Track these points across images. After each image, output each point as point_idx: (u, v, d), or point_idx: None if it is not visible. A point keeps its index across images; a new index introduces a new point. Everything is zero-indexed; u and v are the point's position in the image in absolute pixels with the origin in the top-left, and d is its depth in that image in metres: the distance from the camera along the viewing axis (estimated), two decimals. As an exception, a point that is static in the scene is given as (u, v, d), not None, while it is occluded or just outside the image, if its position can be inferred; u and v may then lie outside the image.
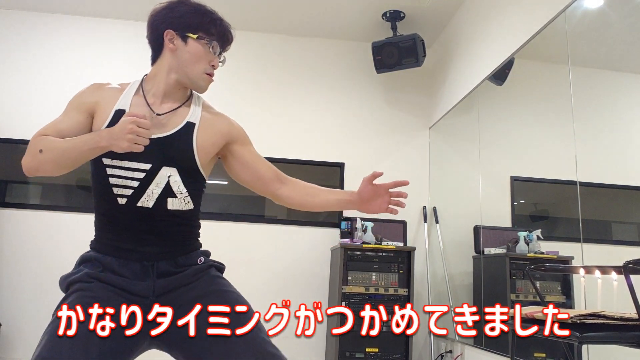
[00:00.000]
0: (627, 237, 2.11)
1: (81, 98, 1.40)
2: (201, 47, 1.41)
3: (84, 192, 4.29)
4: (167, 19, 1.41)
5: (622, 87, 2.20)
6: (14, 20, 4.42)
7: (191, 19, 1.41)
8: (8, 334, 3.87)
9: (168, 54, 1.43)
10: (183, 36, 1.40)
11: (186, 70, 1.41)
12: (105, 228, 1.38)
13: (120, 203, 1.32)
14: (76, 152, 1.26)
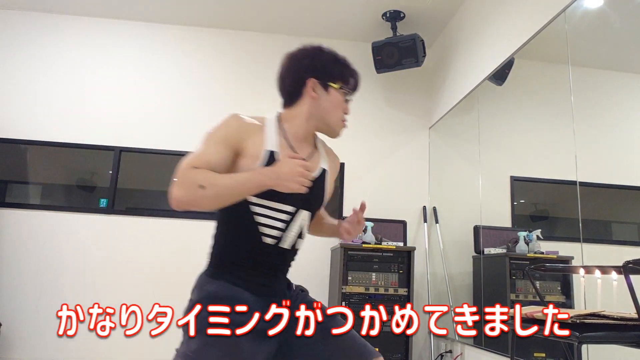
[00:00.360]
0: (627, 237, 2.11)
1: (228, 132, 1.36)
2: (340, 97, 1.47)
3: (84, 192, 4.29)
4: (311, 68, 1.46)
5: (622, 87, 2.20)
6: (14, 20, 4.42)
7: (333, 69, 1.46)
8: (8, 334, 3.87)
9: (308, 101, 1.46)
10: (325, 85, 1.45)
11: (325, 117, 1.47)
12: (242, 262, 1.38)
13: (265, 242, 1.37)
14: (239, 190, 1.27)
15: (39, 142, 4.23)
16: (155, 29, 4.53)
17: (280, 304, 1.38)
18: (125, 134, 4.30)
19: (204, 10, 4.28)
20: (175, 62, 4.48)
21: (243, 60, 4.53)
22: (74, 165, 4.34)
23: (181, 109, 4.40)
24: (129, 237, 4.11)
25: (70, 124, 4.28)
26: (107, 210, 4.16)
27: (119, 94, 4.37)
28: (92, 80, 4.38)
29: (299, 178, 1.25)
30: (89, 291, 3.98)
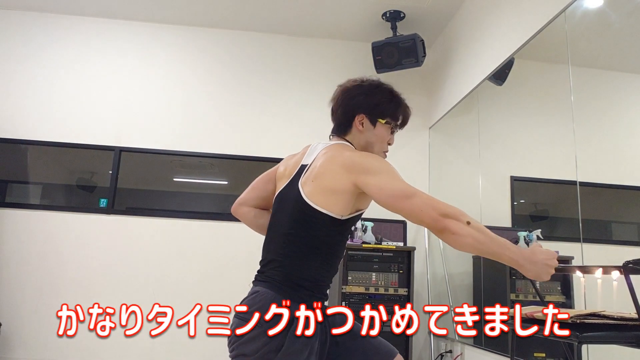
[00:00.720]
0: (627, 237, 2.11)
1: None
2: (386, 131, 1.55)
3: (84, 192, 4.29)
4: (364, 105, 1.53)
5: (622, 87, 2.20)
6: (14, 20, 4.42)
7: (387, 107, 1.54)
8: (8, 334, 3.87)
9: (356, 133, 1.54)
10: (373, 120, 1.53)
11: (368, 148, 1.53)
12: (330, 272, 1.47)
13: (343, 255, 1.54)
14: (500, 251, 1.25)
15: (39, 142, 4.23)
16: (155, 29, 4.53)
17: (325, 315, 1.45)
18: (125, 134, 4.30)
19: (204, 10, 4.28)
20: (176, 62, 4.48)
21: (243, 60, 4.53)
22: (74, 165, 4.34)
23: (181, 109, 4.40)
24: (129, 237, 4.11)
25: (70, 124, 4.28)
26: (107, 210, 4.16)
27: (118, 94, 4.37)
28: (92, 80, 4.38)
29: (551, 270, 1.26)
30: (89, 291, 3.99)
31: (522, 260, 1.24)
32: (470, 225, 1.23)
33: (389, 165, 1.40)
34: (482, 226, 1.26)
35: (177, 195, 4.45)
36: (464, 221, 1.23)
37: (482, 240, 1.23)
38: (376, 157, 1.42)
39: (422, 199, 1.28)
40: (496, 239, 1.25)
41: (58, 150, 4.28)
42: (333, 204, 1.37)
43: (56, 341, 3.89)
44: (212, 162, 4.42)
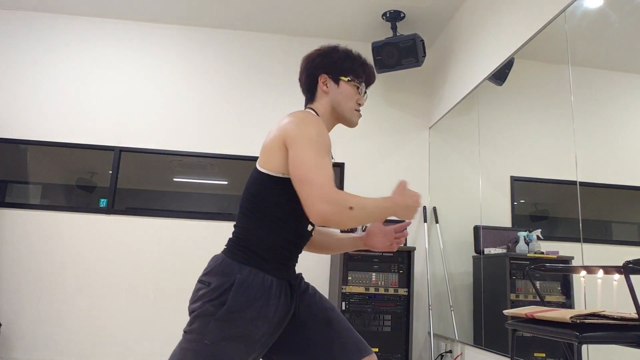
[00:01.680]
0: (627, 237, 2.11)
1: (328, 139, 1.43)
2: (351, 89, 1.57)
3: (84, 192, 4.29)
4: (323, 65, 1.59)
5: (622, 87, 2.20)
6: (14, 20, 4.42)
7: (344, 64, 1.58)
8: (8, 334, 3.87)
9: (323, 96, 1.58)
10: (336, 79, 1.57)
11: (338, 108, 1.57)
12: (284, 249, 1.43)
13: (308, 229, 1.50)
14: (378, 216, 1.35)
15: (39, 142, 4.23)
16: (156, 29, 4.53)
17: (295, 286, 1.46)
18: (125, 134, 4.30)
19: (204, 10, 4.28)
20: (176, 62, 4.48)
21: (243, 60, 4.53)
22: (74, 165, 4.34)
23: (181, 109, 4.40)
24: (128, 237, 4.11)
25: (70, 124, 4.28)
26: (106, 210, 4.16)
27: (118, 94, 4.37)
28: (92, 80, 4.38)
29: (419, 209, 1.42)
30: (89, 291, 3.99)
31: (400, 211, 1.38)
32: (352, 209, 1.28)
33: (312, 134, 1.35)
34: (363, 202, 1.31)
35: (177, 195, 4.45)
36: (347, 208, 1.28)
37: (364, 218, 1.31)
38: (307, 123, 1.38)
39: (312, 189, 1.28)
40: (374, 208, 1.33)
41: (58, 150, 4.28)
42: (270, 162, 1.40)
43: (56, 341, 3.89)
44: (212, 162, 4.42)
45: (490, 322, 3.16)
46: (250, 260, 1.37)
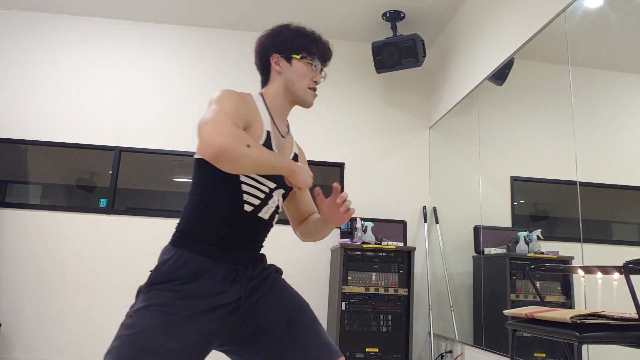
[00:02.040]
0: (627, 237, 2.11)
1: (238, 106, 1.36)
2: (304, 66, 1.52)
3: (84, 192, 4.29)
4: (274, 44, 1.53)
5: (622, 87, 2.20)
6: (14, 20, 4.42)
7: (295, 41, 1.52)
8: (8, 334, 3.87)
9: (277, 76, 1.54)
10: (288, 58, 1.52)
11: (292, 88, 1.52)
12: (216, 229, 1.38)
13: (246, 210, 1.41)
14: (272, 165, 1.30)
15: (39, 142, 4.23)
16: (155, 29, 4.53)
17: (243, 274, 1.39)
18: (125, 134, 4.30)
19: (204, 10, 4.28)
20: (176, 62, 4.48)
21: (243, 60, 4.53)
22: (74, 165, 4.34)
23: (181, 109, 4.40)
24: (128, 237, 4.11)
25: (70, 124, 4.28)
26: (106, 210, 4.17)
27: (118, 94, 4.37)
28: (92, 80, 4.38)
29: (310, 180, 1.39)
30: (89, 291, 3.99)
31: (297, 170, 1.36)
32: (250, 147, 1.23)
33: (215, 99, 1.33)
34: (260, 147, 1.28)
35: (177, 195, 4.44)
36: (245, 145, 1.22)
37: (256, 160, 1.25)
38: (216, 95, 1.36)
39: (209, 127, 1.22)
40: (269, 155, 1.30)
41: (58, 150, 4.28)
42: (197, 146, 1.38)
43: (56, 341, 3.89)
44: (212, 162, 4.42)
45: (490, 322, 3.16)
46: (181, 242, 1.36)
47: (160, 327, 1.25)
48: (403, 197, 4.42)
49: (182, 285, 1.30)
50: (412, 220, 4.36)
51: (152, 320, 1.25)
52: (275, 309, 1.41)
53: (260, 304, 1.41)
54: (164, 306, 1.27)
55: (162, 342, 1.24)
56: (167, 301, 1.28)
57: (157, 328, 1.25)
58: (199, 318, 1.30)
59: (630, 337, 1.45)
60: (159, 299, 1.28)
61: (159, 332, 1.24)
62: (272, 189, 1.45)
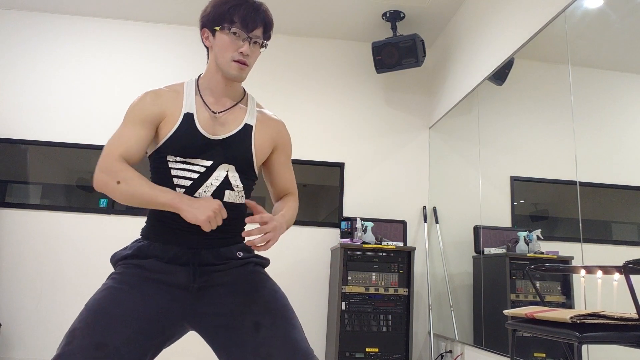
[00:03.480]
0: (627, 237, 2.11)
1: (144, 111, 1.41)
2: (226, 37, 1.44)
3: (84, 192, 4.29)
4: (202, 21, 1.50)
5: (622, 87, 2.20)
6: (14, 20, 4.42)
7: (214, 13, 1.45)
8: (8, 334, 3.87)
9: (210, 53, 1.52)
10: (212, 32, 1.47)
11: (218, 62, 1.47)
12: (159, 214, 1.42)
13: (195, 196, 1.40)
14: (149, 200, 1.32)
15: (39, 142, 4.23)
16: (155, 29, 4.53)
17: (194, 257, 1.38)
18: (125, 134, 4.30)
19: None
20: (175, 61, 4.48)
21: (243, 60, 4.53)
22: (74, 165, 4.34)
23: (181, 109, 4.40)
24: (128, 237, 4.11)
25: (70, 124, 4.28)
26: (107, 210, 4.17)
27: (118, 93, 4.37)
28: (91, 80, 4.38)
29: (210, 214, 1.28)
30: (89, 291, 3.99)
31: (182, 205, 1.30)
32: (120, 184, 1.32)
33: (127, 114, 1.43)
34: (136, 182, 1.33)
35: (177, 195, 4.44)
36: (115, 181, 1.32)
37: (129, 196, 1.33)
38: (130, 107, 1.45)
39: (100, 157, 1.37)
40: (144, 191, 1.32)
41: (58, 150, 4.28)
42: None
43: (56, 341, 3.89)
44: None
45: (490, 322, 3.16)
46: (142, 234, 1.45)
47: (110, 290, 1.31)
48: (403, 197, 4.42)
49: (133, 260, 1.38)
50: (412, 220, 4.36)
51: (104, 287, 1.33)
52: (241, 307, 1.35)
53: (226, 300, 1.36)
54: (114, 274, 1.37)
55: (113, 305, 1.28)
56: (118, 272, 1.37)
57: (107, 292, 1.30)
58: (149, 288, 1.33)
59: (630, 337, 1.45)
60: (112, 275, 1.37)
61: (109, 296, 1.29)
62: (209, 167, 1.41)
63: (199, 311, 1.36)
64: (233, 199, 1.45)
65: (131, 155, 1.39)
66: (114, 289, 1.31)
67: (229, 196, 1.44)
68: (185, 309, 1.36)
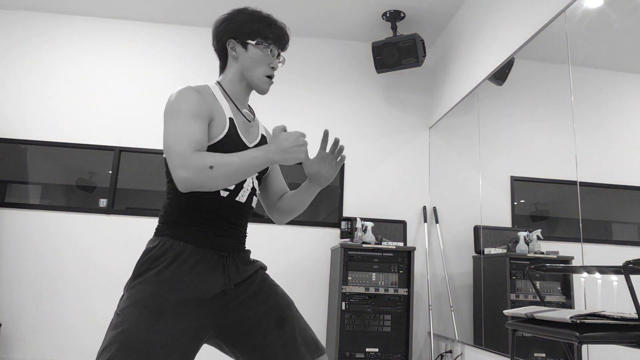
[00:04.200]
0: (627, 237, 2.11)
1: (200, 105, 1.37)
2: (260, 52, 1.50)
3: (84, 192, 4.29)
4: (229, 29, 1.50)
5: (622, 87, 2.20)
6: (14, 20, 4.42)
7: (249, 26, 1.49)
8: (8, 334, 3.87)
9: (233, 62, 1.52)
10: (243, 43, 1.50)
11: (248, 74, 1.51)
12: (196, 216, 1.39)
13: (222, 195, 1.41)
14: (247, 168, 1.29)
15: (39, 142, 4.23)
16: (155, 29, 4.53)
17: (229, 261, 1.39)
18: (125, 134, 4.30)
19: (204, 10, 4.28)
20: (176, 61, 4.48)
21: (243, 60, 4.53)
22: (74, 165, 4.33)
23: (181, 109, 4.40)
24: (128, 237, 4.11)
25: (70, 124, 4.28)
26: (106, 210, 4.16)
27: (118, 94, 4.37)
28: (92, 80, 4.38)
29: (303, 148, 1.32)
30: (89, 291, 3.99)
31: (275, 156, 1.30)
32: (213, 168, 1.25)
33: (175, 107, 1.34)
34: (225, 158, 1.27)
35: (177, 195, 4.44)
36: (208, 168, 1.24)
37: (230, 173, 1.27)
38: (173, 98, 1.37)
39: (172, 159, 1.26)
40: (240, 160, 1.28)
41: (58, 150, 4.28)
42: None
43: (56, 341, 3.89)
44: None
45: (490, 322, 3.16)
46: (164, 231, 1.38)
47: (146, 322, 1.24)
48: (403, 197, 4.42)
49: (165, 272, 1.30)
50: (412, 220, 4.36)
51: (139, 316, 1.24)
52: (264, 307, 1.41)
53: (250, 303, 1.40)
54: (147, 300, 1.27)
55: (150, 338, 1.22)
56: (151, 294, 1.27)
57: (143, 325, 1.24)
58: (184, 310, 1.29)
59: (630, 337, 1.45)
60: (143, 293, 1.28)
61: (146, 329, 1.23)
62: None
63: (227, 323, 1.37)
64: (255, 203, 1.53)
65: (201, 147, 1.32)
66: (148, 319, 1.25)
67: (254, 201, 1.53)
68: (214, 322, 1.36)
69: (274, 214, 1.65)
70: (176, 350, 1.25)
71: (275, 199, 1.65)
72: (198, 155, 1.26)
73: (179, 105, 1.34)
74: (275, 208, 1.64)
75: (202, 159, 1.25)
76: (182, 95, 1.37)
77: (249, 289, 1.42)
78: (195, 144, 1.29)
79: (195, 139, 1.30)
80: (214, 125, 1.39)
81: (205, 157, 1.26)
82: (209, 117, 1.38)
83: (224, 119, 1.42)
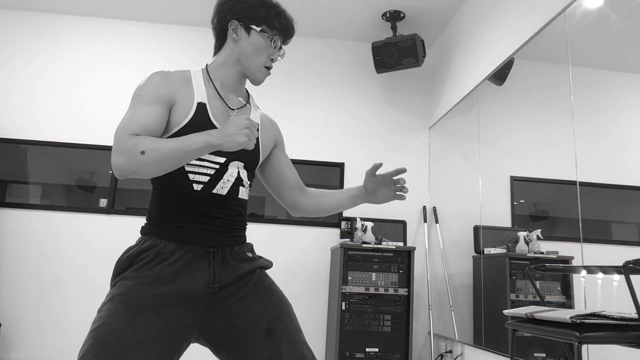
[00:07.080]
0: (627, 237, 2.11)
1: (157, 89, 1.32)
2: (263, 40, 1.42)
3: (83, 192, 4.29)
4: (234, 10, 1.42)
5: (622, 87, 2.20)
6: (14, 20, 4.42)
7: (257, 11, 1.42)
8: (8, 334, 3.87)
9: (231, 44, 1.44)
10: (247, 27, 1.42)
11: (246, 61, 1.43)
12: (173, 212, 1.34)
13: (196, 189, 1.34)
14: (182, 153, 1.23)
15: (39, 142, 4.23)
16: (156, 29, 4.53)
17: (215, 257, 1.33)
18: (125, 134, 4.30)
19: (204, 10, 4.28)
20: (175, 61, 4.48)
21: (243, 60, 4.53)
22: (74, 165, 4.34)
23: (181, 109, 4.40)
24: (128, 237, 4.11)
25: (70, 124, 4.28)
26: (107, 210, 4.16)
27: (119, 94, 4.37)
28: (92, 80, 4.38)
29: (245, 131, 1.23)
30: (89, 291, 3.99)
31: (216, 140, 1.23)
32: (144, 153, 1.20)
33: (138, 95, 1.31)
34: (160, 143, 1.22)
35: (177, 195, 4.44)
36: (139, 153, 1.20)
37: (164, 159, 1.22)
38: (142, 82, 1.33)
39: (113, 144, 1.23)
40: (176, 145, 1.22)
41: (58, 150, 4.28)
42: None
43: (56, 341, 3.89)
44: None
45: (490, 322, 3.16)
46: (147, 229, 1.35)
47: (123, 318, 1.20)
48: (403, 197, 4.42)
49: (145, 267, 1.27)
50: (412, 220, 4.36)
51: (116, 311, 1.21)
52: (254, 315, 1.33)
53: (240, 308, 1.33)
54: (125, 295, 1.23)
55: (127, 335, 1.18)
56: (130, 289, 1.24)
57: (120, 320, 1.19)
58: (164, 306, 1.24)
59: (630, 337, 1.45)
60: (121, 289, 1.24)
61: (122, 324, 1.19)
62: (222, 163, 1.37)
63: (213, 326, 1.31)
64: (243, 195, 1.43)
65: (148, 133, 1.26)
66: (125, 314, 1.20)
67: (242, 192, 1.42)
68: (199, 323, 1.30)
69: (297, 210, 1.59)
70: (155, 349, 1.20)
71: (295, 194, 1.58)
72: (132, 140, 1.22)
73: (138, 90, 1.32)
74: (302, 205, 1.58)
75: (135, 144, 1.21)
76: (145, 80, 1.34)
77: (239, 291, 1.34)
78: (137, 129, 1.24)
79: (140, 125, 1.25)
80: (176, 110, 1.33)
81: (139, 141, 1.21)
82: (169, 102, 1.32)
83: (189, 104, 1.34)
